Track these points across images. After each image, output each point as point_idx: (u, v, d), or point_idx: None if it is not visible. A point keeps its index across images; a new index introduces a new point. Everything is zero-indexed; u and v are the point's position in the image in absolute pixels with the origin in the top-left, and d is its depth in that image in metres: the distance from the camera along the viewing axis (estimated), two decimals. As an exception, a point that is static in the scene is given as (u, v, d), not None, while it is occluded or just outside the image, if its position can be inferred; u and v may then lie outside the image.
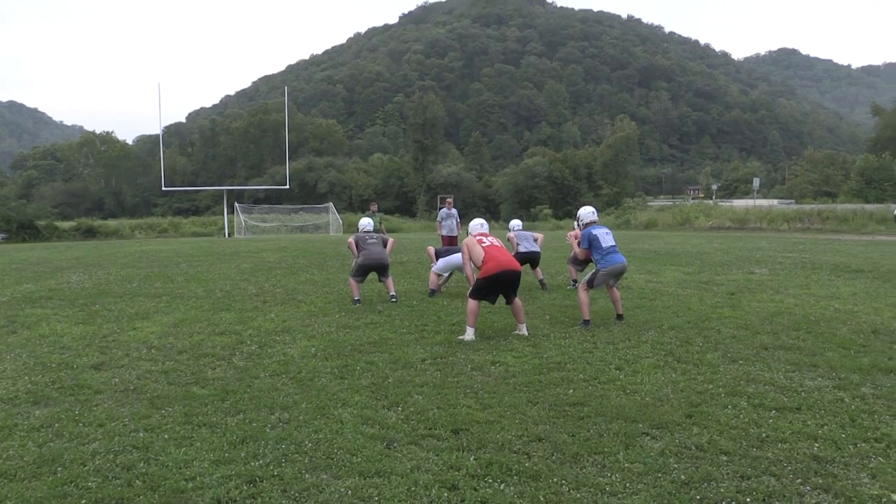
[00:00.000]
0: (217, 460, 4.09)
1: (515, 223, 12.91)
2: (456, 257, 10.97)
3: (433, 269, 11.42)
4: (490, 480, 3.77)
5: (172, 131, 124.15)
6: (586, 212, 9.08)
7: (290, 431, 4.57)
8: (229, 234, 40.54)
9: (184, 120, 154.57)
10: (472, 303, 7.61)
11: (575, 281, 11.66)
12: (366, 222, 11.40)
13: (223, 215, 41.65)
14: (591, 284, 8.44)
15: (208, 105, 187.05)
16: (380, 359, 6.56)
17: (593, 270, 8.58)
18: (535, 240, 12.14)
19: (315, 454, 4.17)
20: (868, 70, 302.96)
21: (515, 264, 7.87)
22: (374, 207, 19.79)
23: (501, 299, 7.95)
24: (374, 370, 6.15)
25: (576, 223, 9.62)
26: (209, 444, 4.36)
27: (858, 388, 5.41)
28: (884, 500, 3.51)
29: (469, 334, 7.48)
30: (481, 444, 4.29)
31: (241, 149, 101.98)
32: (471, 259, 8.10)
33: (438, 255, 11.48)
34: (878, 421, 4.66)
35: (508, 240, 12.00)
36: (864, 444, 4.24)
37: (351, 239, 10.77)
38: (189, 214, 67.89)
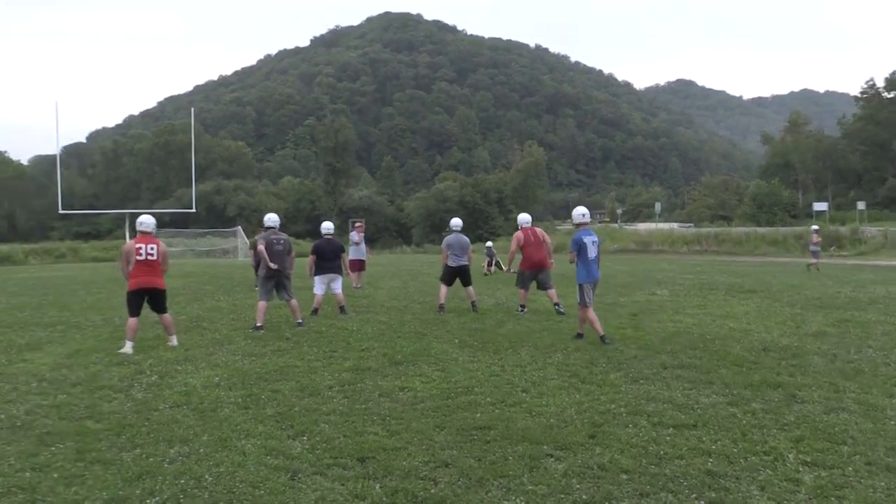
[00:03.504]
0: (110, 499, 3.90)
1: (455, 222, 12.57)
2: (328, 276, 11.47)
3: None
4: (396, 508, 3.74)
5: (72, 152, 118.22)
6: (577, 213, 8.92)
7: (189, 465, 4.41)
8: (131, 260, 38.91)
9: (84, 140, 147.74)
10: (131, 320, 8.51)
11: (523, 306, 11.62)
12: (274, 217, 10.50)
13: (125, 239, 39.98)
14: (585, 302, 8.57)
15: (111, 125, 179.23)
16: (286, 387, 6.43)
17: (579, 288, 8.69)
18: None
19: (215, 488, 4.04)
20: (758, 101, 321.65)
21: (152, 281, 8.54)
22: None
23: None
24: (280, 399, 6.02)
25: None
26: (102, 481, 4.15)
27: (749, 404, 5.67)
28: (771, 511, 3.69)
29: (127, 347, 8.32)
30: (388, 471, 4.26)
31: (146, 171, 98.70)
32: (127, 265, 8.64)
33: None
34: (767, 434, 4.90)
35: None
36: (753, 458, 4.44)
37: (260, 244, 10.24)
38: (89, 238, 64.76)
